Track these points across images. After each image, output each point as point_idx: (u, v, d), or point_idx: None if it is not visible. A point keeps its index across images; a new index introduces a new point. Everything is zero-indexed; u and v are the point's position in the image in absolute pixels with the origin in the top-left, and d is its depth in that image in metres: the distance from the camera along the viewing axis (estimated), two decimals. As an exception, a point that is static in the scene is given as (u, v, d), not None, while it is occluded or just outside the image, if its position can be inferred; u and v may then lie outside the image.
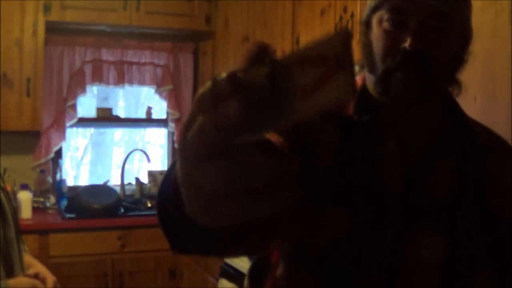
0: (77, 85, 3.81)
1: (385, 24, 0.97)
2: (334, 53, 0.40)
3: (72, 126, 3.89)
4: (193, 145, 0.47)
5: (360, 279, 0.93)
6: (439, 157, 0.99)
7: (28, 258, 1.82)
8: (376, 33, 0.99)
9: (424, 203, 0.96)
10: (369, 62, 1.00)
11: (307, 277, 0.95)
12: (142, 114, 4.36)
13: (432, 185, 0.98)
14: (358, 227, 0.93)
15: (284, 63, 0.41)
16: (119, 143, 4.60)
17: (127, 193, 3.97)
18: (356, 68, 1.05)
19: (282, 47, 2.91)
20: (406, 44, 0.93)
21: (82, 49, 3.83)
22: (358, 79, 1.06)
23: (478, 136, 1.03)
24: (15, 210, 1.73)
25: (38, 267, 1.83)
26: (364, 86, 1.04)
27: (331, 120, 1.00)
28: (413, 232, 0.95)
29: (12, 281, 1.65)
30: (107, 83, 3.93)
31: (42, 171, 3.70)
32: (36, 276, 1.76)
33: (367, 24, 1.01)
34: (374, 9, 0.99)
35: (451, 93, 1.05)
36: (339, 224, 0.93)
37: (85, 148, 4.49)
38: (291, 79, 0.41)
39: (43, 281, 1.77)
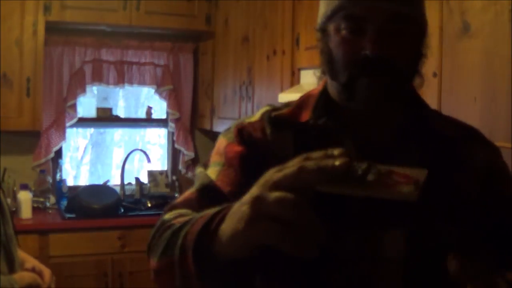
0: (77, 85, 3.81)
1: (343, 32, 0.97)
2: (416, 178, 0.64)
3: (72, 126, 3.89)
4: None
5: (326, 279, 0.96)
6: (399, 152, 1.00)
7: (21, 253, 1.86)
8: (334, 40, 0.99)
9: None
10: (330, 69, 1.01)
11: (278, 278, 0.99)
12: (142, 114, 4.36)
13: None
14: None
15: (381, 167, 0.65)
16: (119, 143, 4.60)
17: (127, 193, 3.97)
18: (318, 73, 1.08)
19: (282, 47, 2.91)
20: (367, 50, 0.94)
21: (82, 49, 3.83)
22: (320, 84, 1.08)
23: (441, 129, 1.04)
24: (9, 207, 1.79)
25: (32, 261, 1.89)
26: (325, 90, 1.06)
27: (287, 129, 1.04)
28: (375, 230, 0.96)
29: (16, 276, 1.71)
30: (107, 83, 3.93)
31: (42, 171, 3.70)
32: (33, 270, 1.84)
33: (323, 31, 1.02)
34: (330, 17, 0.99)
35: (414, 87, 1.07)
36: None
37: (85, 148, 4.49)
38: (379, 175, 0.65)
39: (40, 274, 1.84)
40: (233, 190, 1.00)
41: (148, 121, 4.26)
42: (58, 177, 3.80)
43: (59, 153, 3.88)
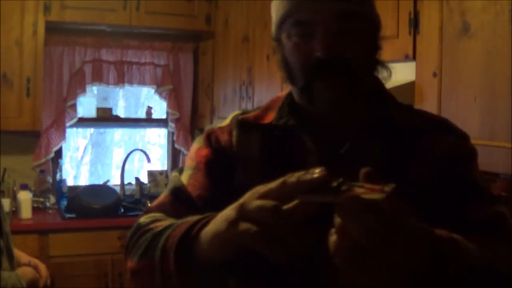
0: (77, 85, 3.81)
1: (294, 38, 0.99)
2: (384, 190, 0.70)
3: (72, 126, 3.89)
4: None
5: (287, 275, 0.99)
6: (359, 148, 1.01)
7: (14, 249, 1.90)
8: (287, 47, 1.01)
9: None
10: (288, 76, 1.04)
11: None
12: (142, 114, 4.36)
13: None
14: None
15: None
16: (119, 143, 4.60)
17: (127, 193, 3.97)
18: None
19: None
20: (318, 53, 0.95)
21: (82, 49, 3.83)
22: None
23: (403, 122, 1.04)
24: (4, 206, 1.85)
25: (26, 257, 1.94)
26: (290, 93, 1.09)
27: (253, 130, 1.09)
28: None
29: (19, 272, 1.76)
30: (107, 83, 3.93)
31: (42, 171, 3.70)
32: (29, 264, 1.89)
33: (278, 40, 1.04)
34: (280, 26, 1.02)
35: (378, 80, 1.08)
36: None
37: (85, 148, 4.49)
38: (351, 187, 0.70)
39: (35, 268, 1.90)
40: (202, 193, 1.04)
41: (148, 121, 4.26)
42: (58, 177, 3.80)
43: (59, 153, 3.88)
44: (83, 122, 4.02)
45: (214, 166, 1.07)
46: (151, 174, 4.08)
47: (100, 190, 3.66)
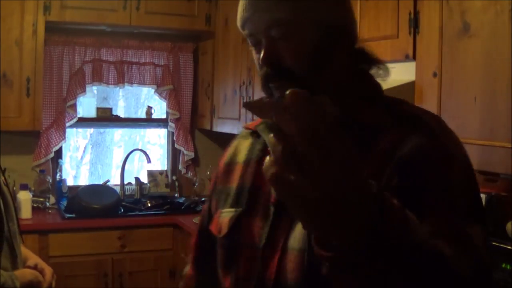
0: (77, 85, 3.81)
1: (252, 48, 1.05)
2: None
3: (72, 126, 3.89)
4: None
5: (239, 267, 1.06)
6: None
7: (23, 250, 1.88)
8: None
9: None
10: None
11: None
12: (142, 114, 4.36)
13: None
14: (243, 221, 1.08)
15: None
16: (119, 143, 4.60)
17: (127, 193, 3.97)
18: None
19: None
20: (264, 66, 1.01)
21: (82, 49, 3.83)
22: None
23: (365, 118, 1.01)
24: (14, 205, 1.83)
25: (35, 259, 1.92)
26: None
27: (248, 136, 1.18)
28: (287, 221, 1.01)
29: (17, 273, 1.73)
30: (107, 83, 3.93)
31: (42, 171, 3.70)
32: (35, 267, 1.86)
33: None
34: (246, 38, 1.07)
35: (360, 76, 1.07)
36: (226, 221, 1.10)
37: (85, 148, 4.49)
38: None
39: (41, 272, 1.86)
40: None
41: (148, 121, 4.26)
42: (58, 177, 3.80)
43: (59, 153, 3.88)
44: (83, 122, 4.02)
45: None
46: (151, 174, 4.08)
47: (100, 190, 3.66)
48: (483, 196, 1.77)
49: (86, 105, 4.03)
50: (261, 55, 0.99)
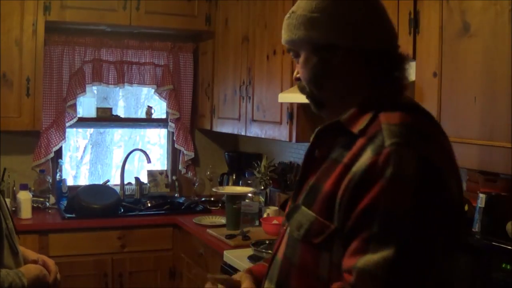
0: (77, 85, 3.81)
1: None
2: None
3: (72, 126, 3.89)
4: None
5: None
6: (316, 146, 1.19)
7: (19, 247, 1.89)
8: None
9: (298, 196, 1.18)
10: None
11: None
12: (142, 114, 4.36)
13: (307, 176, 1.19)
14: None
15: None
16: (119, 143, 4.60)
17: (127, 193, 3.97)
18: None
19: (282, 47, 2.91)
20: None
21: (82, 49, 3.83)
22: None
23: (349, 127, 1.11)
24: (7, 204, 1.85)
25: (33, 254, 1.94)
26: None
27: None
28: (289, 216, 1.20)
29: (22, 269, 1.74)
30: (107, 83, 3.93)
31: (41, 171, 3.70)
32: (37, 261, 1.87)
33: None
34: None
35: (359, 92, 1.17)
36: None
37: (85, 148, 4.50)
38: None
39: (44, 265, 1.88)
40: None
41: (148, 121, 4.26)
42: (58, 177, 3.80)
43: (59, 153, 3.88)
44: (83, 122, 4.01)
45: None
46: (151, 174, 4.08)
47: (100, 190, 3.65)
48: (483, 196, 1.77)
49: (86, 105, 4.03)
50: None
